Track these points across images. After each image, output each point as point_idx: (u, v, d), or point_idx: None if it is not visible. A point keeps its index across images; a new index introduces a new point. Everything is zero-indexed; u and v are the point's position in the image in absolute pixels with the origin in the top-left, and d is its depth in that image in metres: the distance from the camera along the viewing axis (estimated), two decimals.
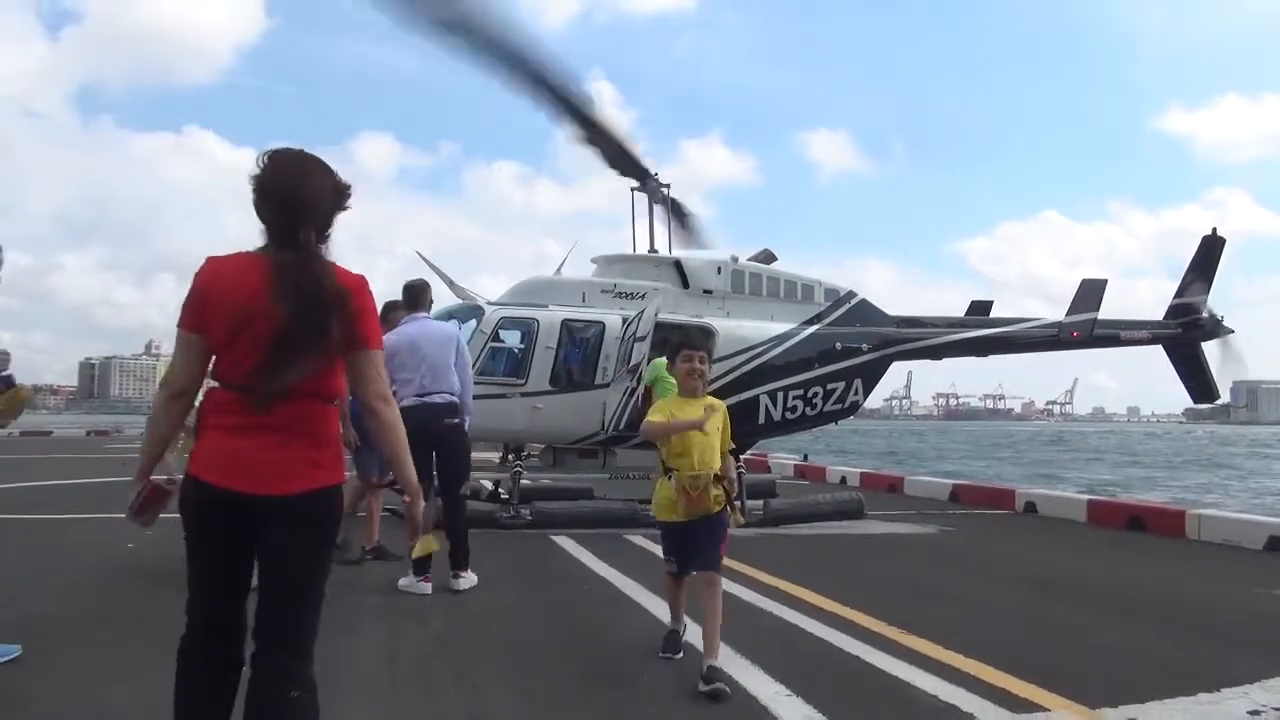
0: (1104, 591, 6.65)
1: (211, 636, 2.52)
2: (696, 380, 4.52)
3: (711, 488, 4.34)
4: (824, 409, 11.92)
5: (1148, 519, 10.08)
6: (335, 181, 2.58)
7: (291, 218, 2.48)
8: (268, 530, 2.44)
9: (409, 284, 6.67)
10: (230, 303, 2.45)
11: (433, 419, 6.05)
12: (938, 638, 4.87)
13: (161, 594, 5.33)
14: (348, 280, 2.53)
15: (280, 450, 2.45)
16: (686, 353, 4.55)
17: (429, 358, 6.19)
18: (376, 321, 2.59)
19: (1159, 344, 14.23)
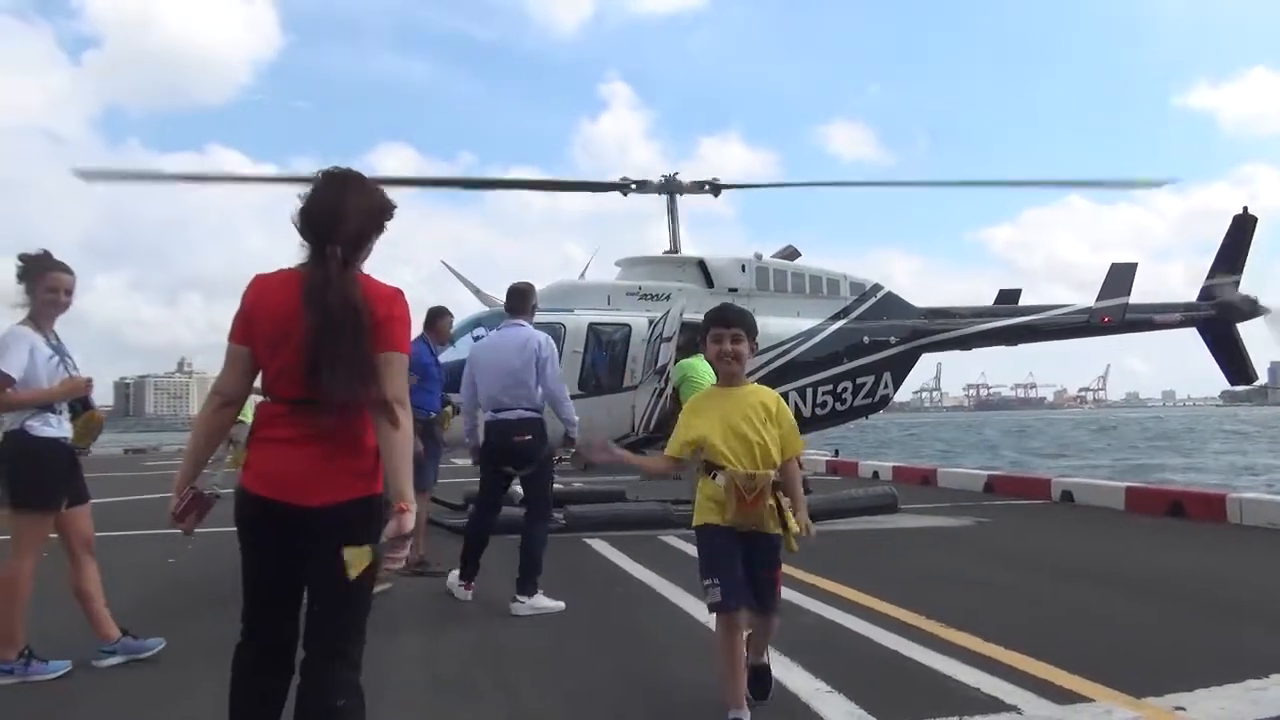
0: (1145, 579, 6.56)
1: (263, 646, 2.58)
2: (730, 364, 3.57)
3: (769, 494, 3.42)
4: (854, 404, 11.90)
5: (1188, 504, 9.93)
6: (373, 202, 2.64)
7: (321, 235, 2.55)
8: (314, 541, 2.48)
9: (512, 287, 6.41)
10: (270, 318, 2.54)
11: (504, 436, 5.94)
12: (978, 630, 4.84)
13: (205, 609, 5.44)
14: (379, 292, 2.58)
15: (324, 461, 2.50)
16: (715, 331, 3.58)
17: (502, 370, 6.00)
18: (404, 330, 2.63)
19: (1193, 326, 14.06)
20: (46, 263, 4.38)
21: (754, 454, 3.46)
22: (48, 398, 4.29)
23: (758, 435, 3.48)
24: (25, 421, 4.25)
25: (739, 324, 3.61)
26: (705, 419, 3.52)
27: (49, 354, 4.32)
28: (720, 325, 3.60)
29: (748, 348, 3.61)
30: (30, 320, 4.34)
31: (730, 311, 3.67)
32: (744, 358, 3.60)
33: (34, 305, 4.35)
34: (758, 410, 3.52)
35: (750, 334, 3.60)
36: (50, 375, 4.31)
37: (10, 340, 4.22)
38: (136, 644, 4.54)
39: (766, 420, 3.51)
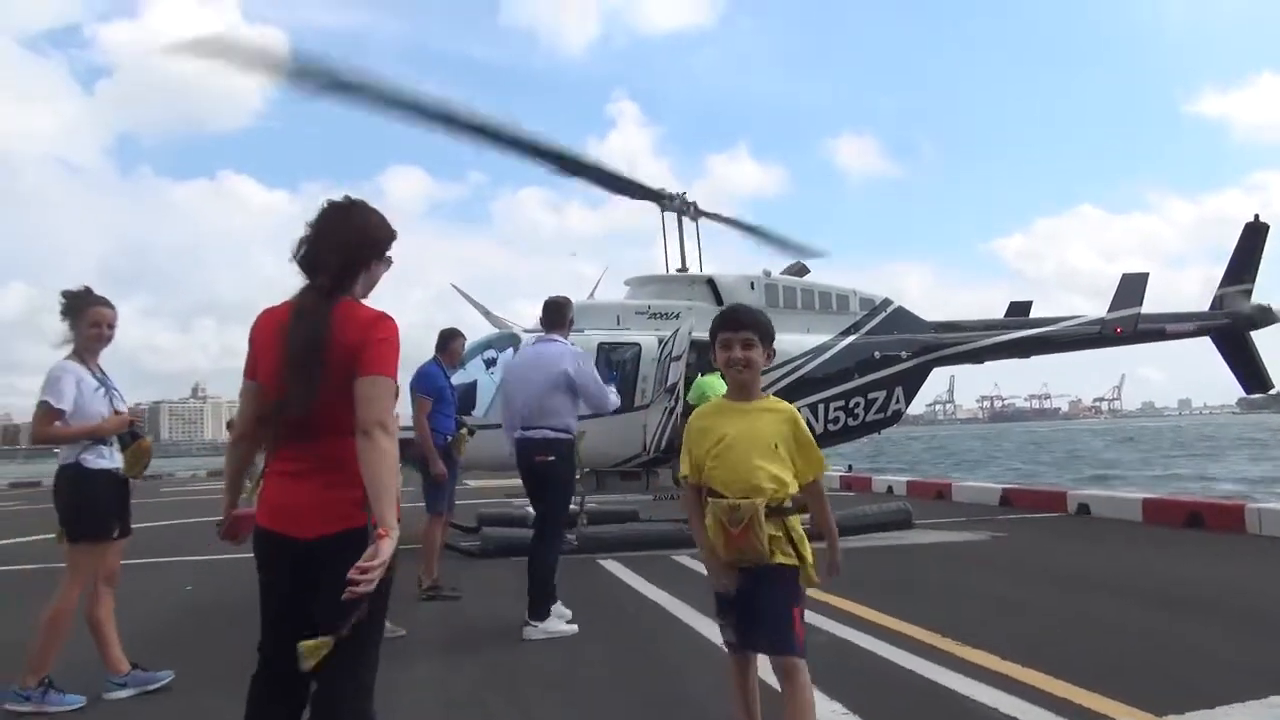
0: (1164, 593, 6.50)
1: (277, 675, 2.58)
2: (740, 373, 3.12)
3: (762, 524, 2.96)
4: (866, 419, 11.86)
5: (1206, 515, 9.85)
6: (363, 233, 2.66)
7: (307, 263, 2.60)
8: (319, 571, 2.49)
9: (546, 301, 6.32)
10: (265, 350, 2.60)
11: (527, 455, 5.89)
12: (994, 648, 4.79)
13: (219, 637, 5.44)
14: (358, 317, 2.56)
15: (324, 491, 2.51)
16: (724, 335, 3.14)
17: (528, 389, 5.95)
18: (385, 352, 2.56)
19: (1206, 335, 13.98)
20: (89, 299, 4.54)
21: (753, 480, 3.01)
22: (98, 432, 4.41)
23: (764, 458, 3.04)
24: (79, 455, 4.38)
25: (751, 326, 3.13)
26: (709, 437, 3.13)
27: (95, 385, 4.45)
28: (728, 329, 3.14)
29: (762, 354, 3.13)
30: (75, 355, 4.48)
31: (741, 313, 3.21)
32: (757, 365, 3.13)
33: (78, 340, 4.50)
34: (769, 429, 3.08)
35: (765, 338, 3.14)
36: (98, 407, 4.44)
37: (59, 374, 4.36)
38: (146, 676, 4.55)
39: (779, 441, 3.08)
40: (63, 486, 4.41)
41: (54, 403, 4.29)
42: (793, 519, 3.08)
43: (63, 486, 4.41)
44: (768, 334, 3.17)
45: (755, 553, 2.98)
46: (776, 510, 3.01)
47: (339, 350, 2.50)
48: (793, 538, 3.05)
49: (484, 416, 10.14)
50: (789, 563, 3.03)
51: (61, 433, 4.34)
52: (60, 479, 4.44)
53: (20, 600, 7.56)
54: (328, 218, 2.65)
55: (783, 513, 3.03)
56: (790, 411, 3.18)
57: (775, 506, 3.01)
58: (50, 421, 4.31)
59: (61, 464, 4.45)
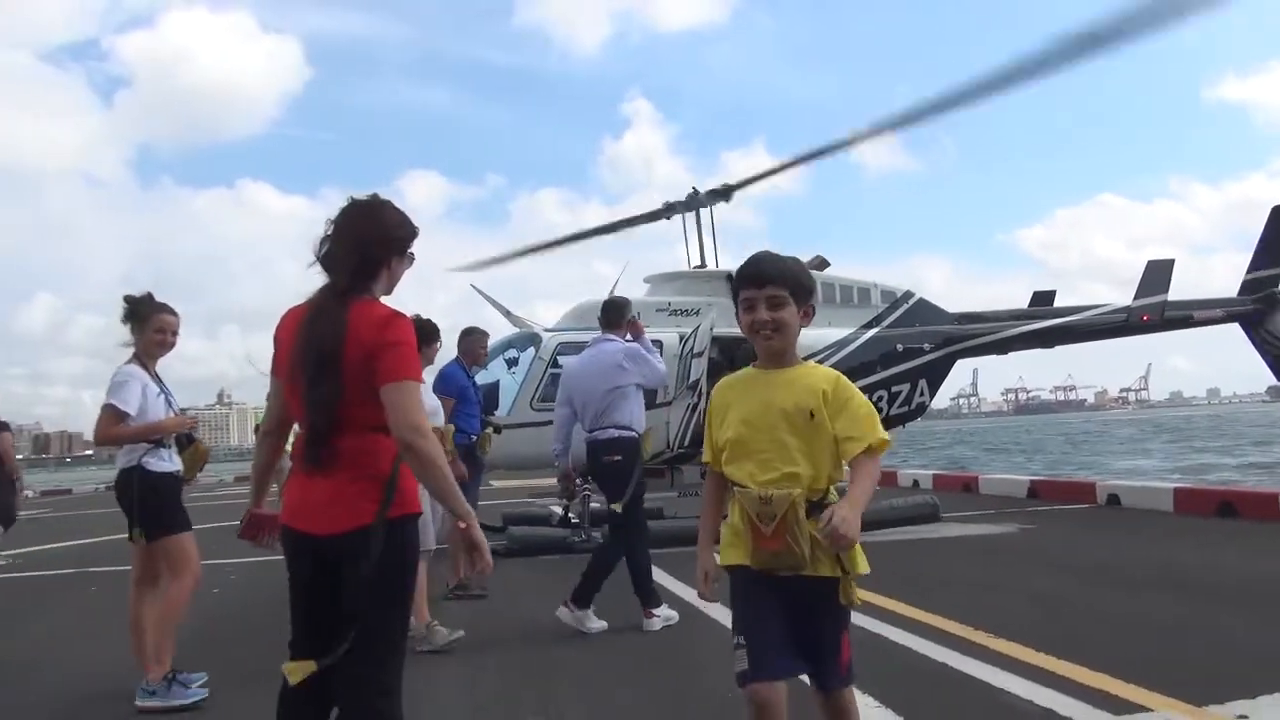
0: (1198, 582, 6.39)
1: None
2: (770, 338, 2.54)
3: (802, 521, 2.37)
4: (890, 413, 11.77)
5: (1239, 504, 9.70)
6: (380, 230, 2.65)
7: (327, 262, 2.61)
8: (340, 569, 2.49)
9: (605, 300, 6.51)
10: (287, 348, 2.61)
11: (595, 456, 5.92)
12: (1027, 640, 4.73)
13: (247, 638, 5.46)
14: (371, 317, 2.54)
15: (341, 489, 2.50)
16: (746, 294, 2.55)
17: (590, 392, 5.99)
18: (404, 354, 2.54)
19: (1234, 322, 13.79)
20: (154, 305, 4.66)
21: (783, 464, 2.44)
22: (159, 430, 4.54)
23: (797, 436, 2.45)
24: (141, 458, 4.50)
25: (778, 279, 2.51)
26: (734, 414, 2.58)
27: (157, 391, 4.57)
28: (751, 285, 2.53)
29: (797, 313, 2.53)
30: (136, 359, 4.60)
31: (765, 263, 2.55)
32: (790, 328, 2.52)
33: (140, 345, 4.62)
34: (805, 399, 2.46)
35: (800, 292, 2.53)
36: (159, 413, 4.56)
37: (125, 379, 4.48)
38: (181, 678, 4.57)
39: (816, 412, 2.45)
40: (130, 489, 4.49)
41: (120, 406, 4.41)
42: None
43: (130, 489, 4.49)
44: (802, 287, 2.54)
45: (794, 557, 2.39)
46: (819, 504, 2.42)
47: (353, 349, 2.49)
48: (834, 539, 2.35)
49: (506, 416, 10.14)
50: (831, 574, 2.43)
51: (125, 432, 4.45)
52: (123, 482, 4.54)
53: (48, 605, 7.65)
54: (348, 215, 2.64)
55: (818, 506, 2.41)
56: (829, 374, 2.54)
57: (816, 500, 2.43)
58: (116, 424, 4.42)
59: (124, 467, 4.54)
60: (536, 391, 10.85)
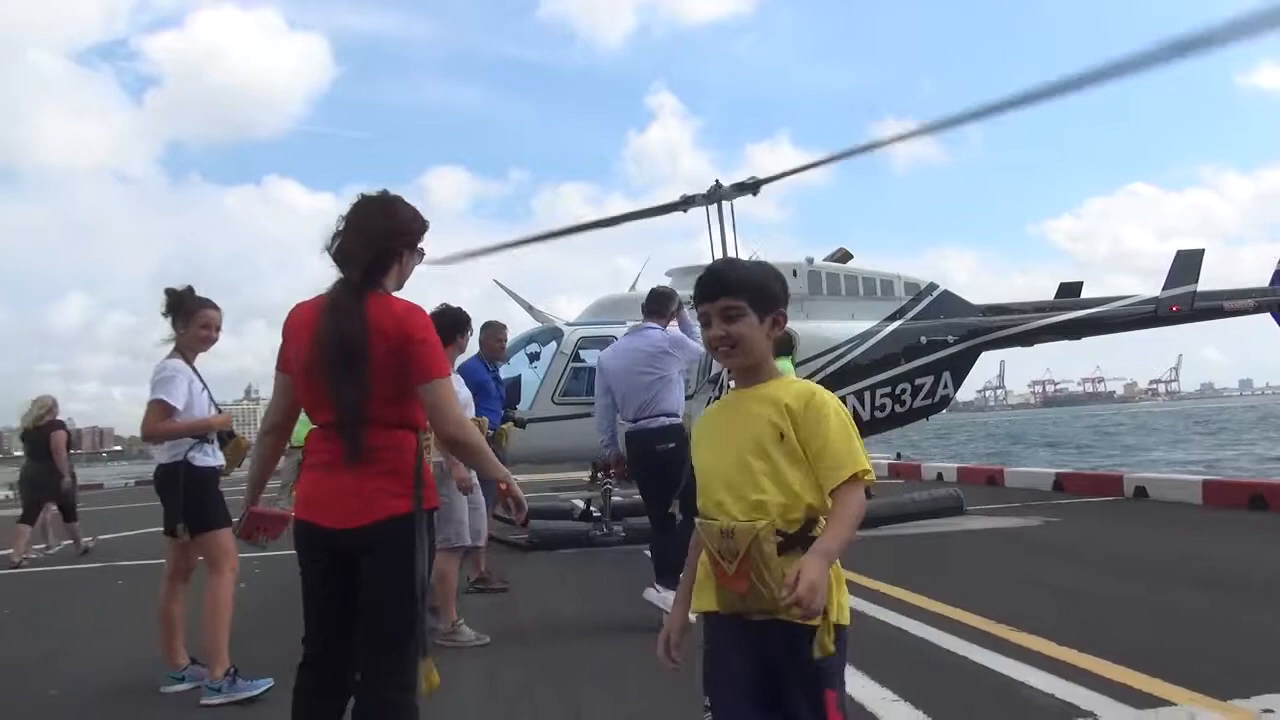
0: (1225, 576, 6.30)
1: (320, 667, 2.61)
2: (730, 355, 2.20)
3: (768, 557, 2.02)
4: (914, 405, 11.71)
5: (1270, 497, 9.55)
6: (393, 224, 2.68)
7: (341, 260, 2.62)
8: (356, 563, 2.51)
9: (653, 289, 6.38)
10: (300, 344, 2.61)
11: (646, 445, 5.80)
12: (1049, 633, 4.69)
13: (268, 632, 5.51)
14: (392, 310, 2.58)
15: (359, 483, 2.52)
16: (701, 308, 2.21)
17: (633, 380, 5.87)
18: (434, 350, 2.59)
19: (1266, 312, 13.57)
20: (198, 300, 4.66)
21: (748, 492, 2.09)
22: (205, 427, 4.56)
23: (765, 460, 2.10)
24: (188, 453, 4.50)
25: (732, 289, 2.16)
26: (704, 448, 2.25)
27: (201, 386, 4.59)
28: (704, 298, 2.19)
29: (759, 324, 2.19)
30: (178, 353, 4.59)
31: (718, 273, 2.23)
32: (750, 343, 2.18)
33: (184, 340, 4.61)
34: (774, 417, 2.12)
35: (760, 300, 2.19)
36: (204, 407, 4.58)
37: (172, 374, 4.48)
38: (204, 671, 4.61)
39: (786, 433, 2.11)
40: (176, 484, 4.47)
41: (169, 400, 4.40)
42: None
43: (176, 484, 4.47)
44: (764, 294, 2.20)
45: (762, 600, 2.05)
46: (798, 538, 2.05)
47: (377, 343, 2.51)
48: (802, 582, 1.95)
49: (528, 410, 10.17)
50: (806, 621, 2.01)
51: (173, 428, 4.45)
52: (168, 476, 4.51)
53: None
54: (359, 211, 2.67)
55: (792, 540, 2.05)
56: (803, 389, 2.18)
57: (794, 533, 2.06)
58: (164, 418, 4.41)
59: (166, 462, 4.53)
60: (558, 386, 10.89)
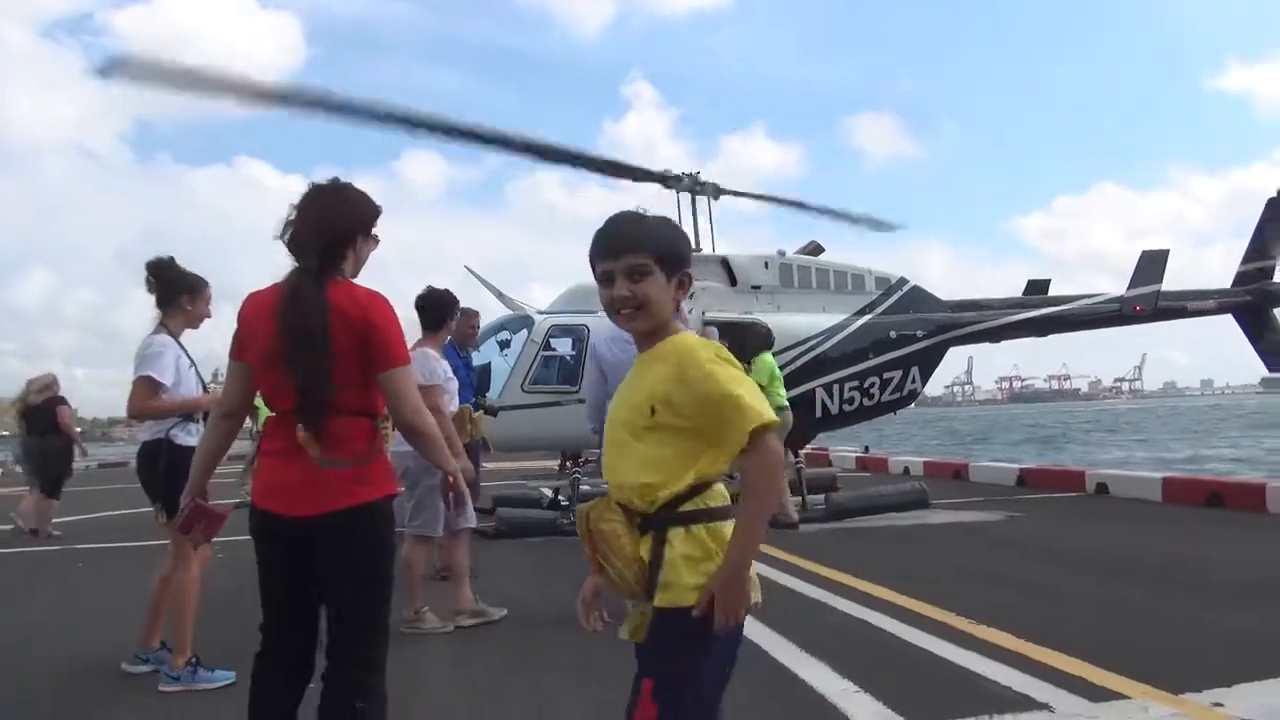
0: (1182, 572, 6.43)
1: (277, 654, 2.61)
2: (630, 316, 1.98)
3: (616, 540, 1.96)
4: (881, 399, 11.80)
5: (1228, 495, 9.75)
6: (345, 210, 2.67)
7: (294, 245, 2.60)
8: (316, 551, 2.50)
9: None
10: (258, 332, 2.58)
11: None
12: (1008, 627, 4.76)
13: (230, 618, 5.47)
14: (354, 296, 2.58)
15: (319, 471, 2.50)
16: (601, 267, 1.99)
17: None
18: (394, 337, 2.59)
19: (1228, 313, 13.82)
20: (200, 279, 4.55)
21: (618, 473, 1.99)
22: (194, 406, 4.38)
23: (633, 434, 1.97)
24: (170, 431, 4.33)
25: (640, 246, 1.96)
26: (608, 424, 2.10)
27: (189, 363, 4.43)
28: (604, 256, 1.99)
29: (664, 284, 1.97)
30: (164, 329, 4.43)
31: (623, 226, 2.01)
32: (655, 304, 1.96)
33: (181, 317, 4.48)
34: (650, 388, 1.95)
35: (669, 258, 1.98)
36: (192, 385, 4.41)
37: (161, 349, 4.31)
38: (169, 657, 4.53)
39: (656, 402, 1.93)
40: (154, 463, 4.30)
41: (157, 377, 4.23)
42: (713, 528, 1.92)
43: (154, 463, 4.30)
44: (672, 252, 2.00)
45: (616, 585, 1.99)
46: (662, 517, 1.92)
47: (339, 329, 2.50)
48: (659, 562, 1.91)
49: (498, 398, 10.14)
50: (657, 603, 1.93)
51: (162, 405, 4.28)
52: (148, 456, 4.35)
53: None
54: (311, 199, 2.65)
55: (680, 520, 1.91)
56: (682, 345, 1.97)
57: (654, 513, 1.93)
58: (152, 395, 4.24)
59: (149, 439, 4.37)
60: (528, 375, 10.85)
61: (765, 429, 1.87)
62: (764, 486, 1.92)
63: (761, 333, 9.25)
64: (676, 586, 1.91)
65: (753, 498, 1.91)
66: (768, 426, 1.87)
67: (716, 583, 1.87)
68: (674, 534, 1.93)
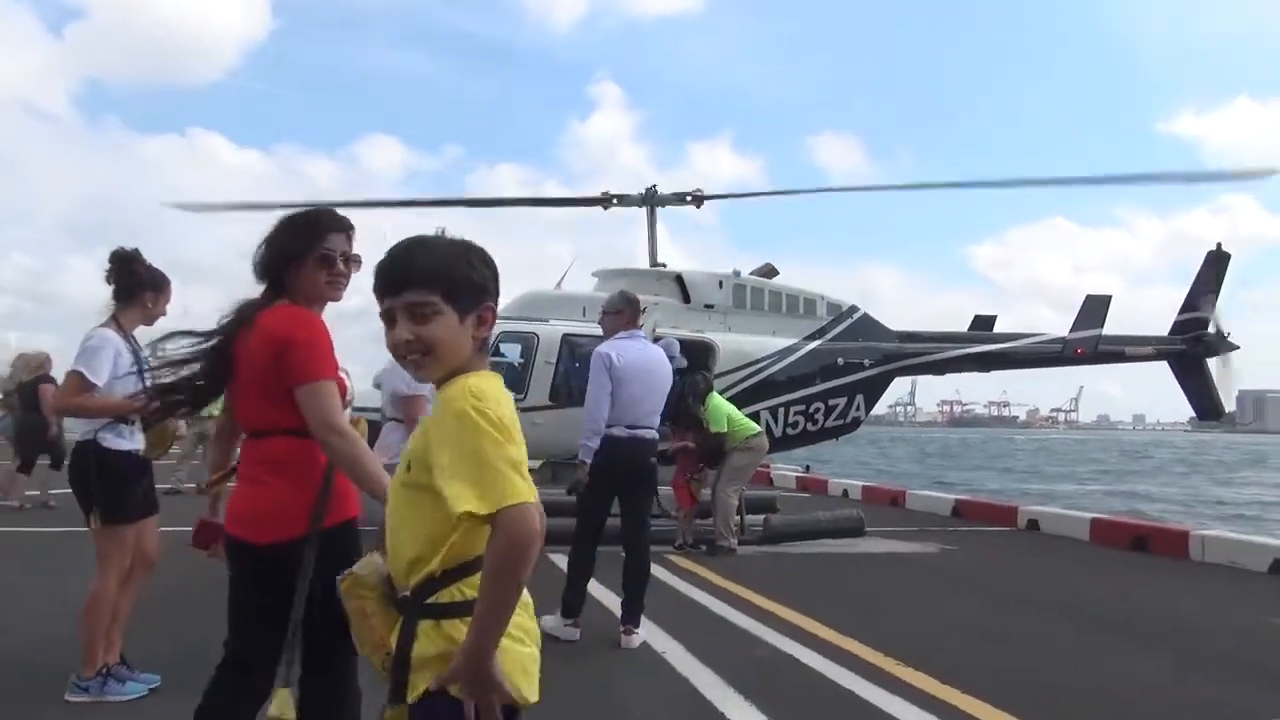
0: (1105, 618, 6.56)
1: (233, 668, 2.65)
2: (418, 363, 1.74)
3: (365, 619, 1.80)
4: (825, 424, 11.90)
5: (1152, 539, 9.99)
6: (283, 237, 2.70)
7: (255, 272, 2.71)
8: (279, 573, 2.51)
9: (628, 295, 5.95)
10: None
11: (642, 455, 5.62)
12: (936, 671, 4.80)
13: (159, 627, 5.30)
14: (280, 317, 2.60)
15: (278, 496, 2.55)
16: (384, 306, 1.77)
17: (658, 390, 5.66)
18: (311, 354, 2.56)
19: (1164, 360, 14.20)
20: (165, 277, 4.31)
21: (390, 537, 1.79)
22: (117, 409, 4.03)
23: (397, 498, 1.78)
24: (99, 433, 4.04)
25: (424, 280, 1.70)
26: None
27: (130, 362, 4.09)
28: (385, 292, 1.74)
29: (457, 323, 1.72)
30: (114, 323, 4.13)
31: (405, 256, 1.74)
32: (445, 346, 1.72)
33: (138, 313, 4.20)
34: (415, 441, 1.75)
35: (461, 291, 1.73)
36: (129, 388, 4.05)
37: (99, 345, 3.99)
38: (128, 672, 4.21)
39: (409, 463, 1.74)
40: (82, 467, 4.05)
41: (89, 375, 3.91)
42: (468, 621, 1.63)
43: (82, 467, 4.05)
44: (466, 285, 1.74)
45: (376, 665, 1.79)
46: (417, 601, 1.70)
47: (265, 354, 2.54)
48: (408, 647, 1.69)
49: None
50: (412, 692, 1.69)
51: (85, 405, 3.98)
52: (78, 459, 4.08)
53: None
54: (270, 229, 2.72)
55: (431, 611, 1.69)
56: (452, 393, 1.68)
57: (412, 594, 1.71)
58: (78, 392, 3.93)
59: (79, 440, 4.11)
60: None
61: (509, 510, 1.56)
62: (504, 571, 1.58)
63: (702, 383, 9.25)
64: (421, 690, 1.66)
65: (488, 578, 1.59)
66: (511, 508, 1.56)
67: (457, 670, 1.59)
68: (423, 627, 1.68)
